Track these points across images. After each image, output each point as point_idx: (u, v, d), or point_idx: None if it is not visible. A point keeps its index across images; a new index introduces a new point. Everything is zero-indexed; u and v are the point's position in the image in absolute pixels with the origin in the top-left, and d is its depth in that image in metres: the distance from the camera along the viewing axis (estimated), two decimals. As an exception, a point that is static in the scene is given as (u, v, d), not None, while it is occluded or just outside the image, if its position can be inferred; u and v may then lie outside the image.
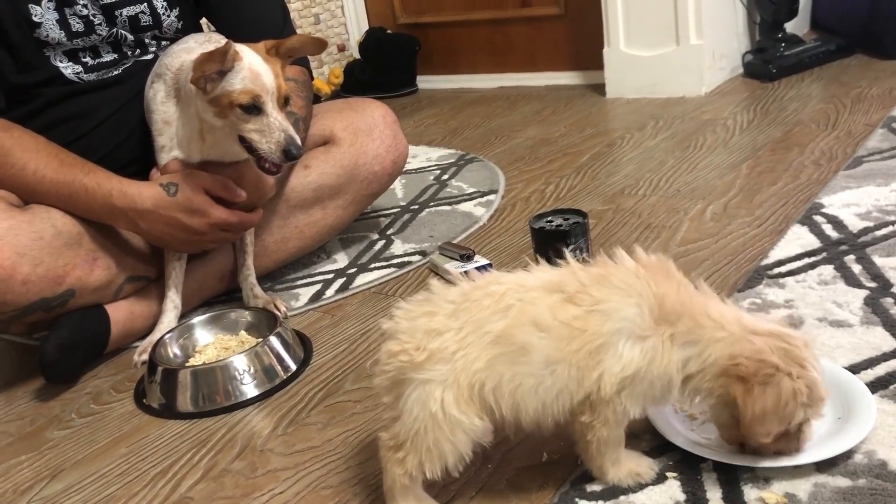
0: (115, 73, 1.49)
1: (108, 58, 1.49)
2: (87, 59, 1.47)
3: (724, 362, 0.84)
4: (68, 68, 1.45)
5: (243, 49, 1.26)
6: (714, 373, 0.85)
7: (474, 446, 0.86)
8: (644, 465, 0.92)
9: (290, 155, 1.28)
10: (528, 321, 0.84)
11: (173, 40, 1.52)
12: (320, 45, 1.38)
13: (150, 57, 1.52)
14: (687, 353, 0.85)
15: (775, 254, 1.39)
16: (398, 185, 2.13)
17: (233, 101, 1.25)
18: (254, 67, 1.25)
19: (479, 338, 0.85)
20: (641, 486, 0.90)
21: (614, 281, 0.86)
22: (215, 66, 1.23)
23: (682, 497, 0.88)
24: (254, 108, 1.26)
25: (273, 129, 1.27)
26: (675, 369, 0.85)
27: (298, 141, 1.28)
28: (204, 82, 1.25)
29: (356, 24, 3.51)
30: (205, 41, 1.44)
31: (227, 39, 1.46)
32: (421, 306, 0.89)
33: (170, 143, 1.40)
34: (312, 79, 1.74)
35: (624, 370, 0.84)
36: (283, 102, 1.31)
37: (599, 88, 2.77)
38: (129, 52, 1.51)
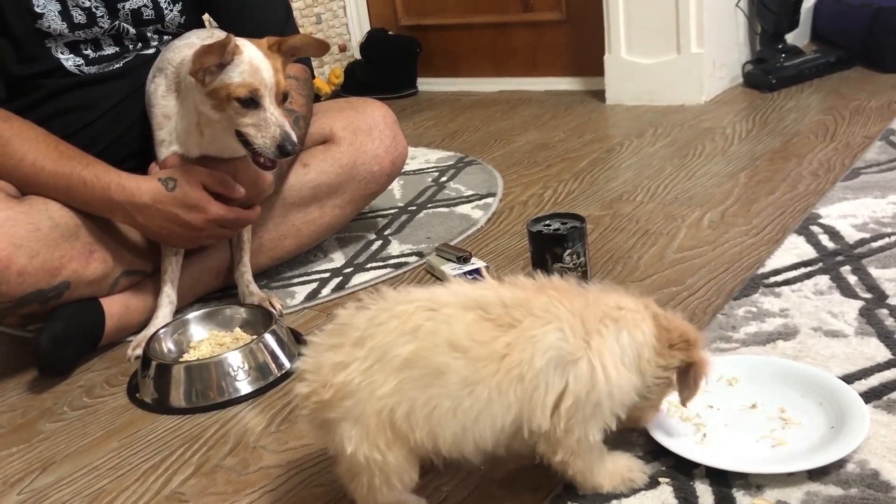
0: (117, 66, 1.49)
1: (109, 51, 1.49)
2: (89, 52, 1.47)
3: (669, 343, 0.87)
4: (69, 60, 1.45)
5: (244, 43, 1.26)
6: (652, 353, 0.87)
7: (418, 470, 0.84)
8: (636, 470, 0.92)
9: (285, 150, 1.27)
10: (443, 341, 0.80)
11: (175, 35, 1.52)
12: (323, 47, 1.38)
13: (151, 51, 1.52)
14: (620, 347, 0.85)
15: (772, 263, 1.39)
16: (396, 186, 2.13)
17: (230, 93, 1.25)
18: (254, 62, 1.25)
19: (386, 363, 0.80)
20: (634, 491, 0.90)
21: (533, 307, 0.83)
22: (214, 59, 1.23)
23: (674, 502, 0.88)
24: (251, 101, 1.26)
25: (269, 123, 1.27)
26: (622, 375, 0.83)
27: (294, 137, 1.28)
28: (203, 74, 1.25)
29: (358, 25, 3.52)
30: (207, 37, 1.44)
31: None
32: (329, 338, 0.85)
33: (169, 138, 1.39)
34: (314, 77, 1.74)
35: (563, 399, 0.81)
36: (282, 99, 1.30)
37: (599, 95, 2.77)
38: (131, 46, 1.51)
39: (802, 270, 1.35)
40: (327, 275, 1.65)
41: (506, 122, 2.70)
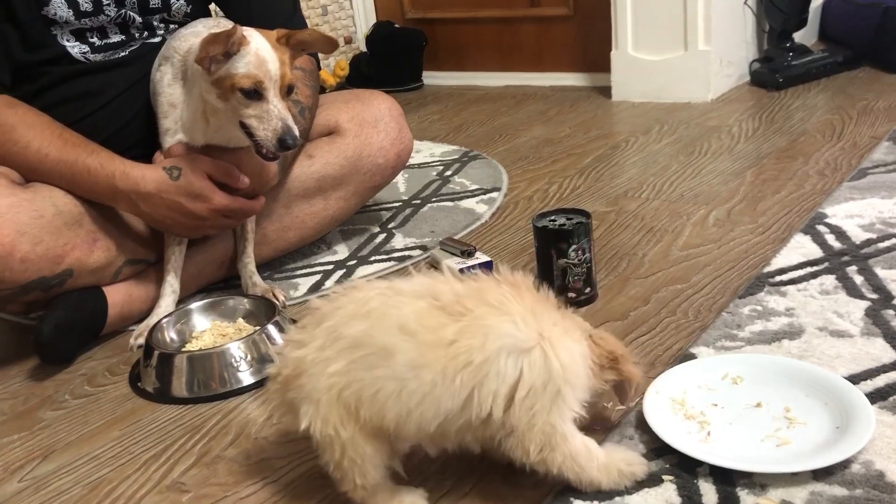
0: (122, 54, 1.49)
1: (115, 39, 1.48)
2: (95, 40, 1.46)
3: (605, 360, 0.89)
4: (75, 48, 1.44)
5: (252, 34, 1.26)
6: (599, 366, 0.89)
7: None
8: (635, 463, 0.91)
9: (285, 144, 1.27)
10: (392, 324, 0.82)
11: (182, 24, 1.52)
12: (331, 44, 1.37)
13: (157, 40, 1.51)
14: (579, 348, 0.87)
15: (777, 262, 1.39)
16: (401, 180, 2.12)
17: (234, 84, 1.24)
18: (260, 53, 1.25)
19: (337, 342, 0.83)
20: (637, 488, 0.90)
21: (488, 298, 0.84)
22: (220, 48, 1.22)
23: (677, 500, 0.88)
24: (255, 93, 1.25)
25: (272, 116, 1.26)
26: (577, 363, 0.85)
27: (296, 131, 1.27)
28: (208, 62, 1.24)
29: (364, 17, 3.50)
30: (213, 26, 1.43)
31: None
32: (301, 325, 0.89)
33: (174, 127, 1.39)
34: (319, 69, 1.74)
35: (517, 389, 0.81)
36: (287, 91, 1.30)
37: (605, 91, 2.76)
38: (137, 34, 1.51)
39: (808, 270, 1.34)
40: (331, 267, 1.64)
41: (511, 116, 2.70)
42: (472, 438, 0.87)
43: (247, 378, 1.25)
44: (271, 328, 1.30)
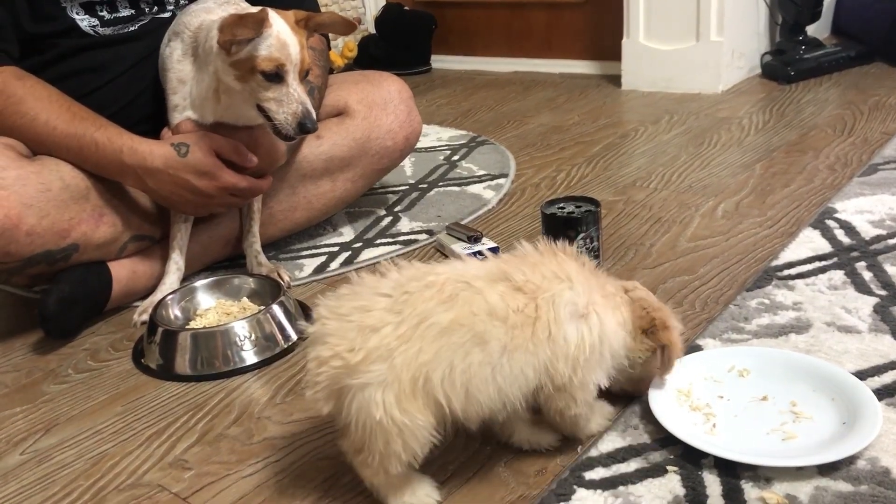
0: (132, 28, 1.47)
1: (125, 13, 1.47)
2: (104, 14, 1.45)
3: (640, 322, 0.94)
4: (84, 21, 1.43)
5: (273, 16, 1.25)
6: (638, 330, 0.94)
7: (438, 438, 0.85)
8: (608, 406, 1.00)
9: (305, 128, 1.27)
10: (481, 310, 0.83)
11: (192, 0, 1.50)
12: (349, 26, 1.37)
13: (167, 15, 1.50)
14: (620, 315, 0.93)
15: (786, 255, 1.38)
16: (408, 163, 2.11)
17: (255, 66, 1.24)
18: (281, 36, 1.24)
19: (425, 330, 0.81)
20: (642, 478, 0.90)
21: (545, 270, 0.88)
22: (249, 34, 1.21)
23: (681, 491, 0.87)
24: (276, 76, 1.25)
25: (291, 100, 1.26)
26: (618, 330, 0.91)
27: (314, 116, 1.28)
28: (230, 45, 1.23)
29: (373, -1, 3.49)
30: (224, 2, 1.42)
31: (245, 1, 1.45)
32: (350, 301, 0.85)
33: (183, 103, 1.38)
34: (330, 48, 1.72)
35: (579, 350, 0.86)
36: (304, 75, 1.29)
37: (615, 79, 2.75)
38: (147, 9, 1.49)
39: (817, 264, 1.34)
40: (336, 249, 1.64)
41: (519, 102, 2.68)
42: (526, 404, 0.90)
43: (250, 357, 1.25)
44: (276, 308, 1.29)
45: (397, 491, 0.88)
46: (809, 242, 1.42)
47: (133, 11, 1.48)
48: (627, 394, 1.02)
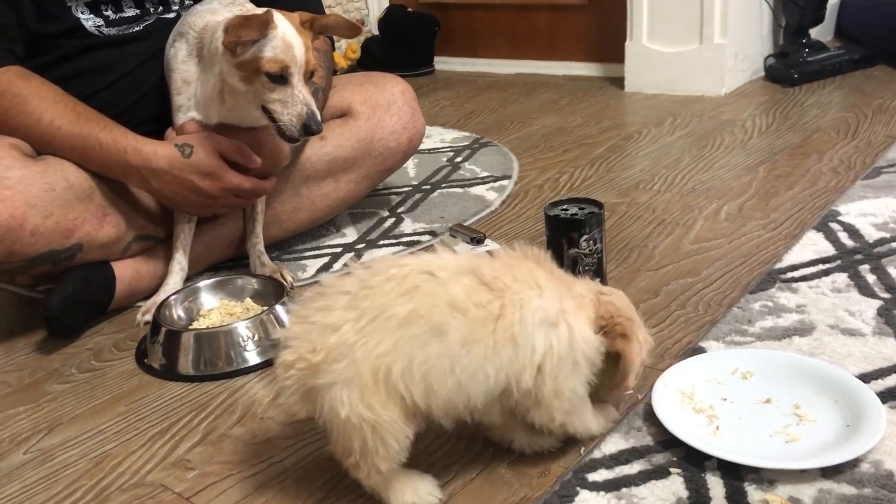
0: (137, 29, 1.48)
1: (130, 13, 1.47)
2: (109, 13, 1.45)
3: (600, 323, 0.90)
4: (89, 20, 1.43)
5: (279, 17, 1.25)
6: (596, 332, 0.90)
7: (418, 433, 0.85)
8: (611, 408, 0.99)
9: (310, 130, 1.27)
10: (441, 302, 0.82)
11: (197, 0, 1.50)
12: (354, 29, 1.37)
13: (172, 15, 1.50)
14: (586, 317, 0.90)
15: (789, 258, 1.38)
16: (411, 165, 2.11)
17: (260, 67, 1.24)
18: (286, 38, 1.24)
19: (383, 322, 0.81)
20: (645, 480, 0.90)
21: (517, 273, 0.87)
22: (254, 35, 1.21)
23: (684, 493, 0.87)
24: (280, 77, 1.25)
25: (296, 101, 1.26)
26: (590, 335, 0.89)
27: (319, 117, 1.28)
28: (235, 46, 1.23)
29: (377, 0, 3.48)
30: (229, 3, 1.42)
31: (250, 2, 1.45)
32: (313, 303, 0.85)
33: (187, 104, 1.38)
34: (334, 49, 1.73)
35: (547, 359, 0.84)
36: (309, 76, 1.29)
37: (618, 81, 2.74)
38: (152, 9, 1.50)
39: (820, 267, 1.34)
40: (339, 250, 1.64)
41: (523, 104, 2.68)
42: (498, 410, 0.89)
43: (253, 358, 1.25)
44: (279, 309, 1.29)
45: (398, 491, 0.88)
46: (813, 245, 1.42)
47: (138, 11, 1.48)
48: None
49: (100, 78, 1.45)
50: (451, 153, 2.21)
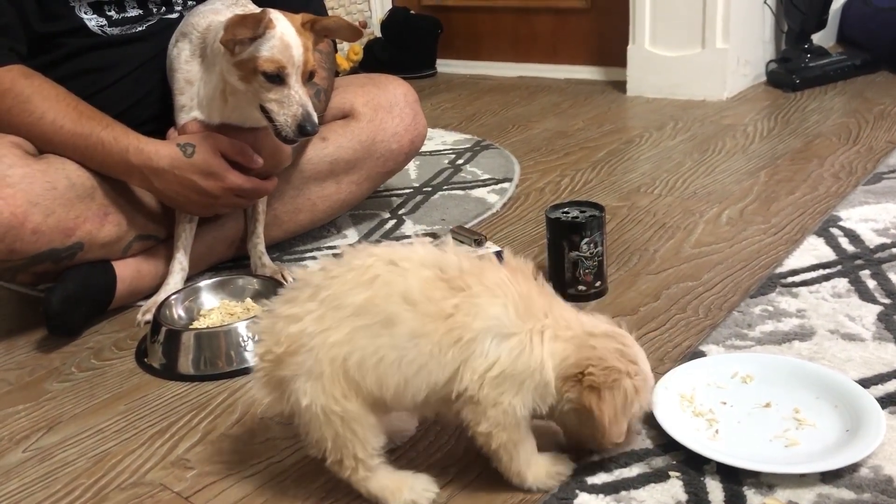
0: (139, 29, 1.48)
1: (133, 13, 1.48)
2: (112, 13, 1.45)
3: (573, 370, 0.84)
4: (92, 20, 1.44)
5: (278, 17, 1.25)
6: (563, 376, 0.85)
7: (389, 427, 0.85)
8: (562, 464, 0.91)
9: (304, 131, 1.27)
10: (396, 292, 0.82)
11: (199, 1, 1.51)
12: (355, 32, 1.37)
13: (175, 16, 1.51)
14: (553, 347, 0.85)
15: (790, 263, 1.38)
16: (412, 167, 2.11)
17: (257, 67, 1.24)
18: (285, 38, 1.24)
19: (338, 311, 0.81)
20: (644, 483, 0.90)
21: (486, 278, 0.85)
22: (248, 33, 1.22)
23: (683, 497, 0.87)
24: (277, 77, 1.25)
25: (292, 101, 1.26)
26: (548, 362, 0.84)
27: (315, 118, 1.28)
28: (233, 45, 1.23)
29: (379, 3, 3.49)
30: (232, 3, 1.42)
31: (252, 3, 1.46)
32: (282, 296, 0.86)
33: (190, 104, 1.38)
34: (336, 51, 1.73)
35: (491, 369, 0.82)
36: (308, 77, 1.30)
37: (620, 85, 2.75)
38: (155, 10, 1.50)
39: (821, 272, 1.34)
40: (340, 251, 1.64)
41: (524, 107, 2.68)
42: (448, 410, 0.87)
43: (253, 358, 1.24)
44: (280, 309, 1.29)
45: (395, 490, 0.88)
46: (814, 250, 1.42)
47: (141, 12, 1.48)
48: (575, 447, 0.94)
49: (102, 77, 1.45)
50: (453, 155, 2.21)
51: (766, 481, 0.88)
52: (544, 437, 0.92)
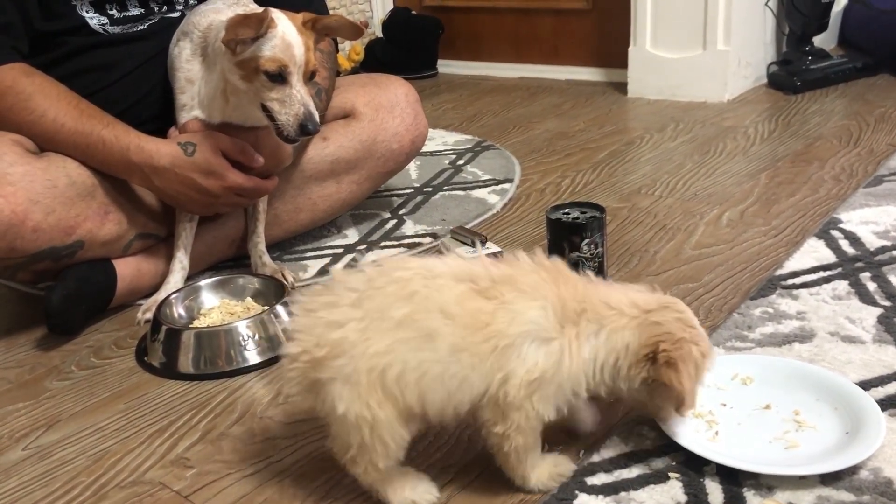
0: (141, 27, 1.48)
1: (134, 12, 1.48)
2: (114, 12, 1.45)
3: (644, 350, 0.86)
4: (94, 19, 1.44)
5: (279, 17, 1.25)
6: (633, 359, 0.86)
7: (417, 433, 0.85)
8: (563, 465, 0.92)
9: (306, 130, 1.27)
10: (435, 307, 0.82)
11: (201, 0, 1.51)
12: (357, 31, 1.37)
13: (176, 15, 1.51)
14: (595, 346, 0.86)
15: (790, 265, 1.38)
16: (413, 167, 2.11)
17: (259, 66, 1.24)
18: (286, 37, 1.24)
19: (381, 323, 0.82)
20: (643, 485, 0.90)
21: (521, 283, 0.85)
22: (250, 32, 1.22)
23: (683, 498, 0.87)
24: (279, 77, 1.25)
25: (294, 101, 1.26)
26: (585, 367, 0.85)
27: (317, 118, 1.28)
28: (234, 44, 1.23)
29: (381, 3, 3.49)
30: (233, 2, 1.43)
31: (254, 2, 1.46)
32: (320, 297, 0.86)
33: (191, 103, 1.38)
34: (337, 51, 1.73)
35: (529, 373, 0.82)
36: (309, 76, 1.30)
37: (621, 87, 2.75)
38: (156, 9, 1.50)
39: (821, 274, 1.34)
40: (340, 251, 1.64)
41: (525, 108, 2.68)
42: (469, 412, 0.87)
43: (253, 357, 1.25)
44: (280, 309, 1.29)
45: (397, 488, 0.89)
46: (814, 252, 1.42)
47: (142, 10, 1.48)
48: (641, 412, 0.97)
49: (103, 76, 1.45)
50: (454, 156, 2.21)
51: (765, 483, 0.88)
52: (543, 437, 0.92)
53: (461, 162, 2.15)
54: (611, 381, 0.87)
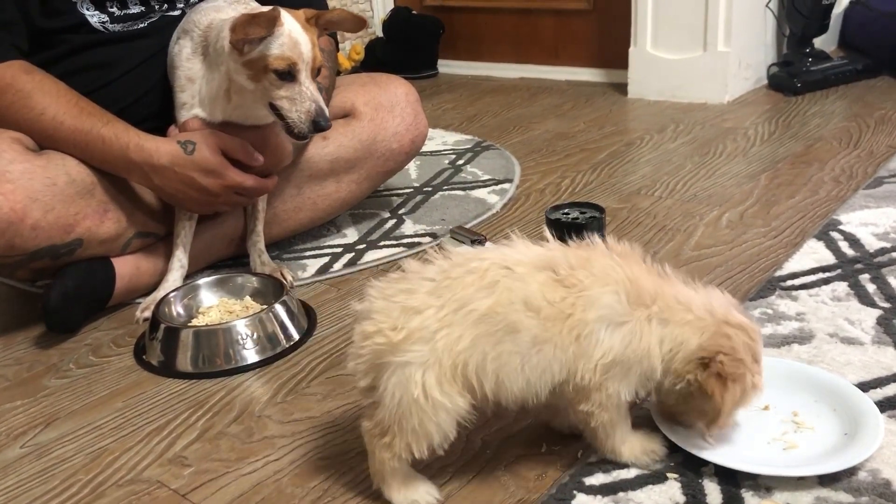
0: (141, 25, 1.48)
1: (135, 10, 1.47)
2: (114, 10, 1.45)
3: (701, 353, 0.86)
4: (94, 17, 1.44)
5: (284, 15, 1.25)
6: (684, 357, 0.86)
7: (459, 425, 0.85)
8: (656, 443, 0.93)
9: (319, 126, 1.28)
10: (518, 299, 0.83)
11: (201, -2, 1.51)
12: (360, 23, 1.37)
13: (177, 13, 1.50)
14: (662, 333, 0.87)
15: (789, 266, 1.38)
16: (412, 167, 2.11)
17: (268, 65, 1.24)
18: (293, 34, 1.24)
19: (464, 316, 0.83)
20: (642, 485, 0.89)
21: (594, 267, 0.86)
22: (261, 32, 1.22)
23: (681, 499, 0.87)
24: (288, 74, 1.26)
25: (304, 98, 1.27)
26: (656, 350, 0.86)
27: (327, 113, 1.28)
28: (243, 44, 1.23)
29: (381, 2, 3.49)
30: (234, 1, 1.42)
31: (255, 2, 1.46)
32: (397, 283, 0.87)
33: (191, 101, 1.38)
34: (338, 49, 1.73)
35: (604, 357, 0.84)
36: (316, 73, 1.30)
37: (621, 88, 2.75)
38: (157, 7, 1.50)
39: (821, 276, 1.34)
40: (339, 250, 1.64)
41: (525, 109, 2.68)
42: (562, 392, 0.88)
43: (252, 356, 1.25)
44: (278, 307, 1.29)
45: (401, 487, 0.89)
46: (813, 254, 1.42)
47: (143, 8, 1.48)
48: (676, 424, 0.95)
49: (103, 74, 1.45)
50: (454, 156, 2.21)
51: (763, 484, 0.88)
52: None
53: (461, 162, 2.15)
54: (662, 375, 0.88)
